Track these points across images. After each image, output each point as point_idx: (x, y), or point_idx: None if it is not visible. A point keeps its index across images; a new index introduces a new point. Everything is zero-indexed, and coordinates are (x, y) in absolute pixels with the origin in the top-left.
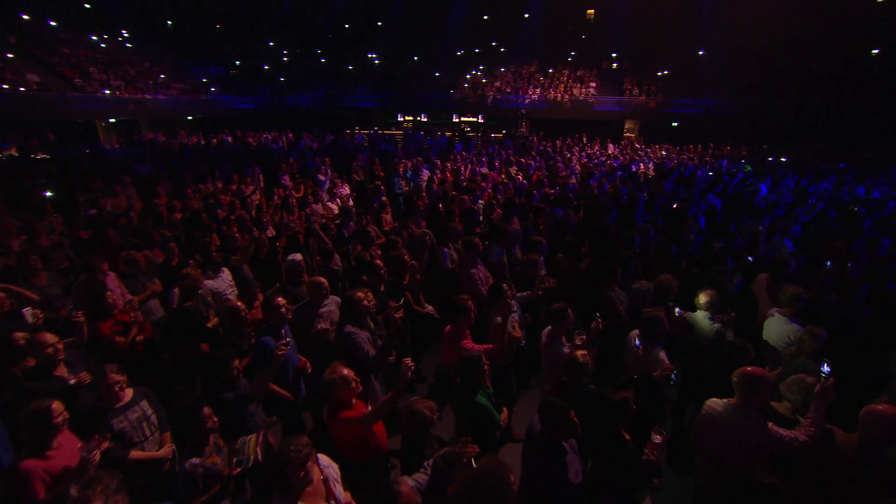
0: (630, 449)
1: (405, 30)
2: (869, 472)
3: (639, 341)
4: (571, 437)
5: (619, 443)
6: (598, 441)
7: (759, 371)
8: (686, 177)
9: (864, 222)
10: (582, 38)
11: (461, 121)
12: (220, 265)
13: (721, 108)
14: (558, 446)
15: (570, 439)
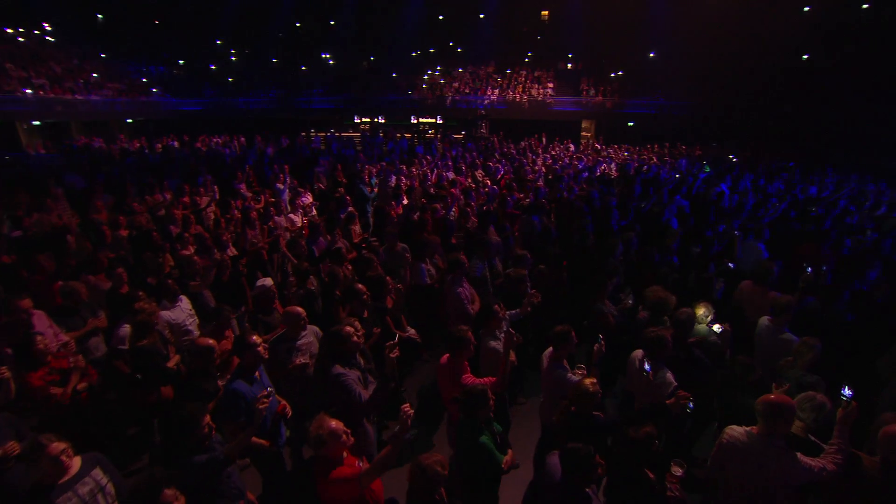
0: (654, 489)
1: (359, 30)
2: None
3: (648, 366)
4: (595, 482)
5: (643, 483)
6: (619, 481)
7: (784, 399)
8: (650, 178)
9: (825, 223)
10: (538, 38)
11: (419, 122)
12: (177, 293)
13: (674, 108)
14: (584, 495)
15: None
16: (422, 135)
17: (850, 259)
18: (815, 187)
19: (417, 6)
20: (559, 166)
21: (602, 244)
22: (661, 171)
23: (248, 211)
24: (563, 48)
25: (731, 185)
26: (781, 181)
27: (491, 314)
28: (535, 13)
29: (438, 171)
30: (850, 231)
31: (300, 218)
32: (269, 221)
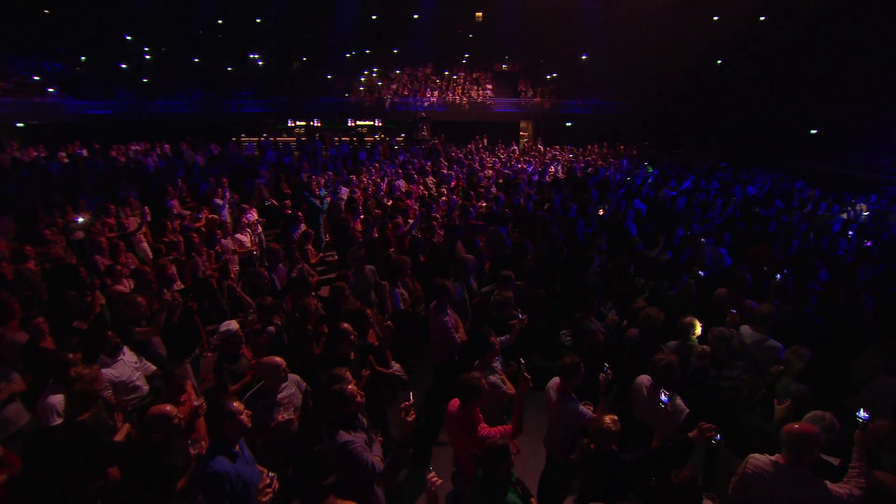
0: None
1: (289, 29)
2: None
3: (665, 397)
4: None
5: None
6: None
7: (810, 428)
8: (601, 180)
9: (770, 224)
10: (472, 39)
11: (357, 125)
12: (118, 346)
13: (609, 108)
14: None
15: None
16: (361, 138)
17: (798, 260)
18: (752, 187)
19: (350, 6)
20: (510, 171)
21: (576, 256)
22: (608, 172)
23: (188, 232)
24: (499, 49)
25: (676, 186)
26: (717, 181)
27: (487, 346)
28: (470, 14)
29: (390, 180)
30: (792, 231)
31: (248, 238)
32: (216, 245)
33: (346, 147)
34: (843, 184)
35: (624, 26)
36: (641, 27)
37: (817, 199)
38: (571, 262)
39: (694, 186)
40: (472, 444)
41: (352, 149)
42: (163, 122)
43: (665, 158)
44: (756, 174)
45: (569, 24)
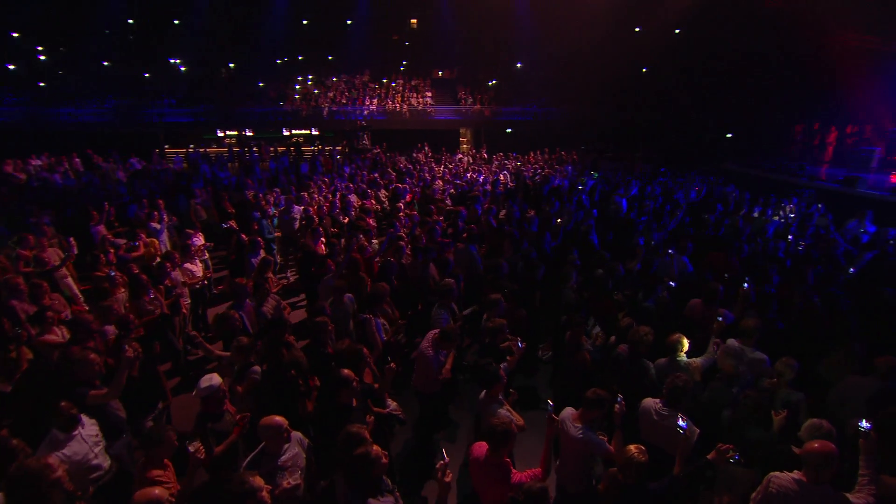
0: None
1: (213, 32)
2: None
3: (684, 422)
4: None
5: None
6: None
7: (829, 447)
8: (553, 189)
9: (720, 229)
10: (408, 46)
11: (292, 134)
12: (75, 419)
13: (548, 115)
14: None
15: None
16: (298, 148)
17: (751, 265)
18: (694, 192)
19: (280, 10)
20: (464, 182)
21: (551, 273)
22: (557, 181)
23: (128, 265)
24: (436, 56)
25: (625, 193)
26: (659, 186)
27: (495, 379)
28: (404, 21)
29: (342, 195)
30: (738, 235)
31: (199, 267)
32: (166, 279)
33: (286, 159)
34: (762, 186)
35: (555, 35)
36: (572, 36)
37: (748, 201)
38: (547, 278)
39: (640, 192)
40: (505, 490)
41: (291, 160)
42: (68, 133)
43: (608, 164)
44: (691, 179)
45: (504, 32)
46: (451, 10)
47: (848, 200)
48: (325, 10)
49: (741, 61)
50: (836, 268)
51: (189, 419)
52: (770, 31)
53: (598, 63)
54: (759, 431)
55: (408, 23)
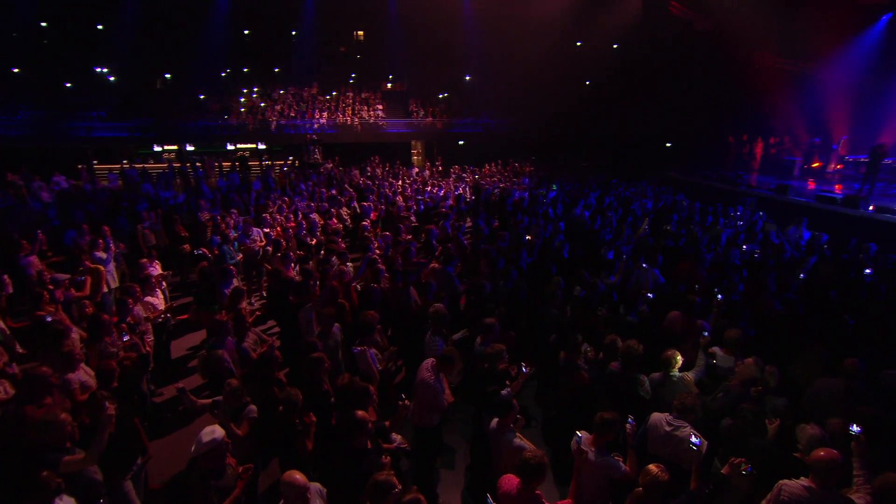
0: None
1: (144, 41)
2: None
3: (698, 440)
4: None
5: None
6: None
7: (835, 454)
8: (515, 202)
9: (680, 240)
10: (357, 59)
11: (237, 148)
12: (59, 489)
13: (499, 127)
14: None
15: None
16: (244, 163)
17: (717, 275)
18: (650, 202)
19: (220, 19)
20: (429, 198)
21: (541, 294)
22: (518, 194)
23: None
24: (385, 69)
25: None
26: (614, 197)
27: (510, 407)
28: (350, 32)
29: (304, 214)
30: (697, 244)
31: (160, 298)
32: (127, 316)
33: (235, 176)
34: (706, 195)
35: (503, 49)
36: (518, 50)
37: (698, 210)
38: (530, 298)
39: (597, 203)
40: None
41: (243, 178)
42: None
43: (562, 175)
44: (643, 189)
45: (452, 46)
46: (398, 23)
47: (780, 207)
48: (268, 20)
49: (676, 76)
50: (790, 274)
51: (167, 467)
52: (700, 50)
53: (544, 76)
54: (759, 440)
55: (354, 35)
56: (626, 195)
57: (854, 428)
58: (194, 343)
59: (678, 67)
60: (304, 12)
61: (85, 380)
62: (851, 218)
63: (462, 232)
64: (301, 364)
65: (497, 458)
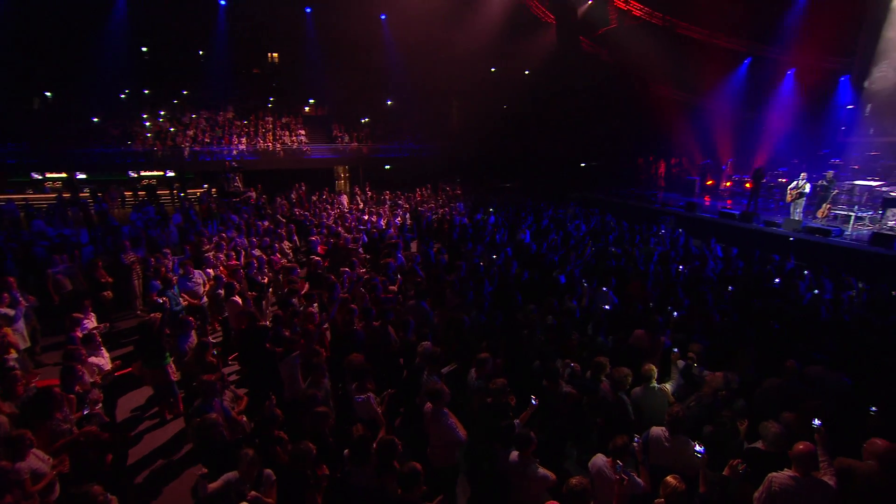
0: None
1: (16, 55)
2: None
3: (702, 448)
4: None
5: None
6: None
7: (811, 447)
8: (464, 227)
9: (621, 260)
10: (274, 81)
11: (140, 176)
12: None
13: (423, 151)
14: None
15: None
16: (152, 192)
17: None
18: (585, 224)
19: (113, 36)
20: (371, 227)
21: (513, 323)
22: (459, 220)
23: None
24: (304, 93)
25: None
26: (547, 219)
27: (530, 441)
28: (263, 54)
29: (246, 251)
30: (635, 262)
31: (107, 358)
32: (76, 384)
33: (151, 209)
34: (627, 214)
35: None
36: (437, 74)
37: (627, 229)
38: (505, 326)
39: (536, 227)
40: None
41: (161, 213)
42: None
43: (492, 198)
44: (571, 210)
45: (373, 69)
46: (317, 45)
47: (691, 223)
48: (170, 38)
49: (587, 103)
50: (723, 287)
51: None
52: (607, 81)
53: (465, 100)
54: (737, 441)
55: (269, 56)
56: (558, 217)
57: (816, 422)
58: (138, 403)
59: (589, 95)
60: (212, 32)
61: (38, 466)
62: (747, 231)
63: (416, 262)
64: (295, 418)
65: (520, 489)
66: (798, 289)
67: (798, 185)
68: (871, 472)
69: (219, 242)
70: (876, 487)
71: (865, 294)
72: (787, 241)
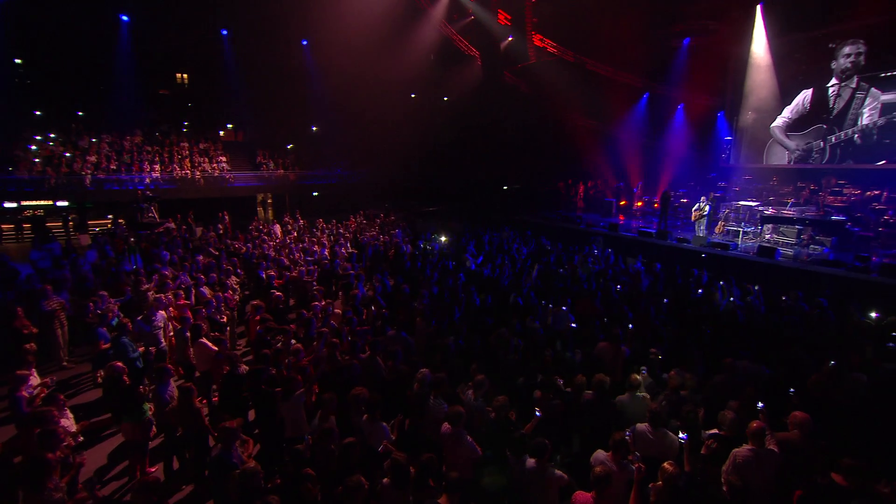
0: None
1: None
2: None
3: (685, 435)
4: None
5: None
6: None
7: (761, 424)
8: (413, 255)
9: (567, 281)
10: (188, 104)
11: (20, 206)
12: None
13: (351, 177)
14: None
15: None
16: (39, 225)
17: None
18: (525, 247)
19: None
20: (318, 257)
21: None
22: (405, 248)
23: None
24: (222, 116)
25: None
26: (488, 244)
27: (545, 448)
28: (171, 75)
29: (196, 290)
30: (579, 282)
31: (71, 419)
32: (56, 450)
33: (57, 245)
34: (556, 235)
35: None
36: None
37: (561, 250)
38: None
39: (477, 251)
40: None
41: (65, 248)
42: None
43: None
44: (506, 233)
45: (296, 94)
46: (232, 69)
47: (615, 242)
48: (61, 53)
49: (510, 130)
50: (658, 299)
51: None
52: (528, 110)
53: (388, 126)
54: (699, 428)
55: (178, 77)
56: (497, 241)
57: (760, 404)
58: (100, 461)
59: (511, 123)
60: (113, 49)
61: None
62: (664, 248)
63: (378, 293)
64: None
65: (538, 492)
66: (716, 297)
67: (700, 206)
68: (796, 439)
69: (161, 281)
70: (801, 450)
71: (762, 297)
72: (700, 256)
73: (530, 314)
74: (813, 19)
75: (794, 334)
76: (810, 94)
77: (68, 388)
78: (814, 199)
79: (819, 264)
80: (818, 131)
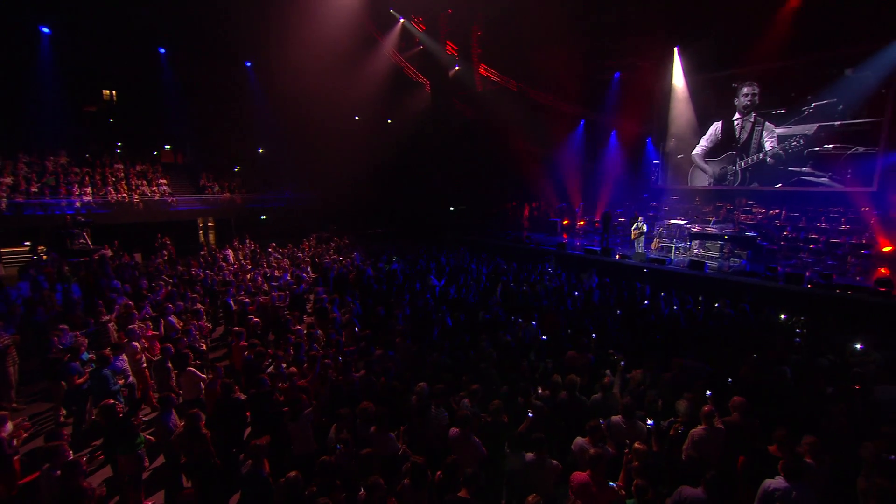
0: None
1: None
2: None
3: (650, 421)
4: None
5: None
6: None
7: (711, 407)
8: (379, 277)
9: (529, 298)
10: (119, 124)
11: None
12: None
13: (300, 201)
14: None
15: None
16: None
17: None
18: (484, 266)
19: None
20: (283, 283)
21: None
22: (368, 271)
23: None
24: (160, 137)
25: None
26: (447, 265)
27: (543, 442)
28: (97, 90)
29: (165, 321)
30: (540, 298)
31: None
32: None
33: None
34: (513, 255)
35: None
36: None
37: (516, 268)
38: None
39: (439, 273)
40: (610, 495)
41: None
42: None
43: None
44: (462, 253)
45: (240, 116)
46: (170, 88)
47: (564, 260)
48: None
49: (456, 154)
50: (612, 311)
51: None
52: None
53: (334, 149)
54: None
55: (104, 94)
56: (456, 262)
57: (708, 393)
58: None
59: (458, 147)
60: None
61: None
62: (608, 263)
63: (353, 315)
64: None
65: (536, 481)
66: (660, 307)
67: (638, 225)
68: (735, 421)
69: (126, 311)
70: (741, 426)
71: (702, 307)
72: (642, 271)
73: (500, 329)
74: (718, 62)
75: (726, 335)
76: (720, 125)
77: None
78: (730, 217)
79: (739, 275)
80: (730, 157)
